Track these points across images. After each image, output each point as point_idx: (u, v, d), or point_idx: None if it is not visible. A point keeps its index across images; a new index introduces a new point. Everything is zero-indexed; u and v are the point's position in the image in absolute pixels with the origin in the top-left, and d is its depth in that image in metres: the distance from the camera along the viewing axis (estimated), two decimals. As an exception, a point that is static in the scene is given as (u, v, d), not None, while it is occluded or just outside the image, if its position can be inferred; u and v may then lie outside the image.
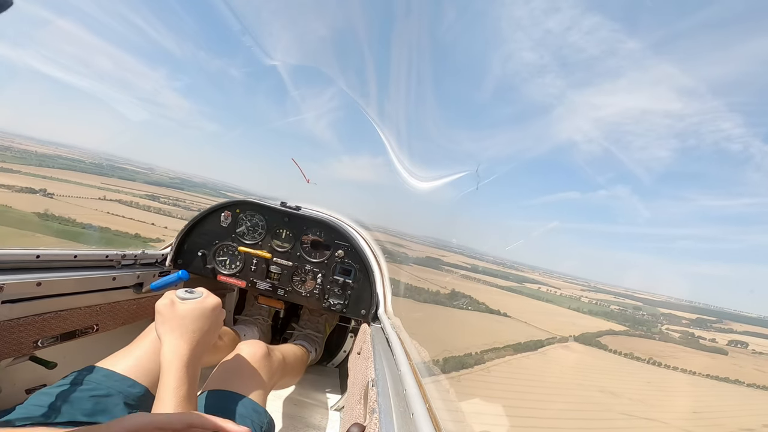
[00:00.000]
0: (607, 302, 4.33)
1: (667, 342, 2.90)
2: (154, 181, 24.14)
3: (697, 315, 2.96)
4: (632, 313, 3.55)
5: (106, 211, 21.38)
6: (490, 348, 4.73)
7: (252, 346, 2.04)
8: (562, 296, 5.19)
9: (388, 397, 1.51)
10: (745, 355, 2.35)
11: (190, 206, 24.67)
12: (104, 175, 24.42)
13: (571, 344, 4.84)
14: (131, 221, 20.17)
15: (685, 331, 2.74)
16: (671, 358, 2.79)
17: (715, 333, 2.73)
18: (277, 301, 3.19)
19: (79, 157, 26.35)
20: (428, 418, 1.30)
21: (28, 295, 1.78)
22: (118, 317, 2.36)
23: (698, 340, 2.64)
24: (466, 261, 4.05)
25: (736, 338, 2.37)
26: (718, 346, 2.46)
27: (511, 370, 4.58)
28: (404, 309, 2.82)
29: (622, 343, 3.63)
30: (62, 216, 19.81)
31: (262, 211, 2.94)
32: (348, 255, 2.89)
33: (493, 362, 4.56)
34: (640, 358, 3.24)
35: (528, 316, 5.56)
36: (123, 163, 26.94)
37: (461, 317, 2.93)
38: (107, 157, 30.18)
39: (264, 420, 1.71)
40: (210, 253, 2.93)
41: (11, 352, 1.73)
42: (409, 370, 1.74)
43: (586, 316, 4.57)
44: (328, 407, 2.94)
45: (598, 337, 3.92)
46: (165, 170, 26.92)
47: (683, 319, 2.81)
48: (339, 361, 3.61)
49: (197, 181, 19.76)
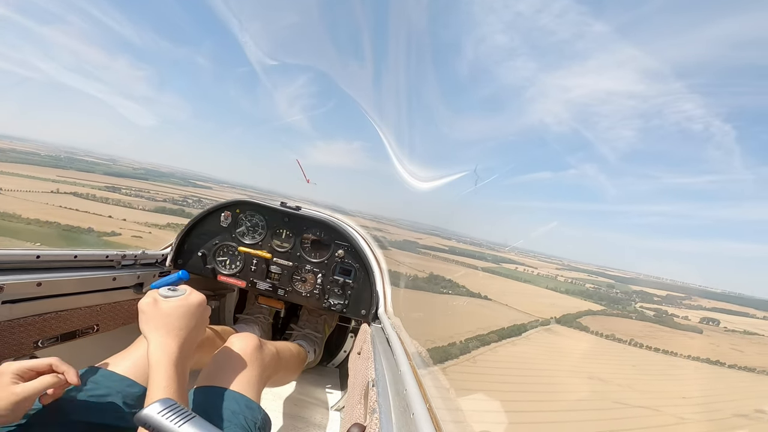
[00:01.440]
0: (582, 281, 4.38)
1: (644, 321, 2.92)
2: (116, 173, 23.70)
3: (666, 292, 3.00)
4: (606, 291, 3.59)
5: (58, 204, 20.71)
6: (475, 335, 4.74)
7: (243, 339, 1.97)
8: (539, 276, 5.25)
9: (388, 397, 1.51)
10: (719, 333, 2.37)
11: (155, 197, 24.38)
12: (61, 168, 23.85)
13: (554, 327, 4.88)
14: (86, 214, 19.49)
15: (658, 308, 2.77)
16: (650, 338, 2.80)
17: (686, 310, 2.76)
18: (277, 301, 3.19)
19: (34, 150, 25.78)
20: (428, 418, 1.30)
21: (29, 296, 1.78)
22: (119, 317, 2.36)
23: (672, 318, 2.67)
24: (443, 243, 4.03)
25: (707, 315, 2.39)
26: (692, 324, 2.49)
27: (498, 359, 4.60)
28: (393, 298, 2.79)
29: (602, 324, 3.67)
30: (6, 212, 19.08)
31: (262, 211, 2.94)
32: (348, 255, 2.89)
33: (478, 351, 4.58)
34: (621, 339, 3.27)
35: (508, 298, 5.61)
36: (83, 155, 26.39)
37: (442, 302, 2.91)
38: (66, 150, 29.54)
39: (258, 416, 1.66)
40: (210, 253, 2.93)
41: (12, 353, 1.73)
42: (409, 369, 1.74)
43: (564, 295, 4.62)
44: (328, 407, 2.94)
45: (578, 318, 3.96)
46: (129, 161, 26.52)
47: (654, 296, 2.84)
48: (339, 361, 3.61)
49: (164, 171, 19.42)
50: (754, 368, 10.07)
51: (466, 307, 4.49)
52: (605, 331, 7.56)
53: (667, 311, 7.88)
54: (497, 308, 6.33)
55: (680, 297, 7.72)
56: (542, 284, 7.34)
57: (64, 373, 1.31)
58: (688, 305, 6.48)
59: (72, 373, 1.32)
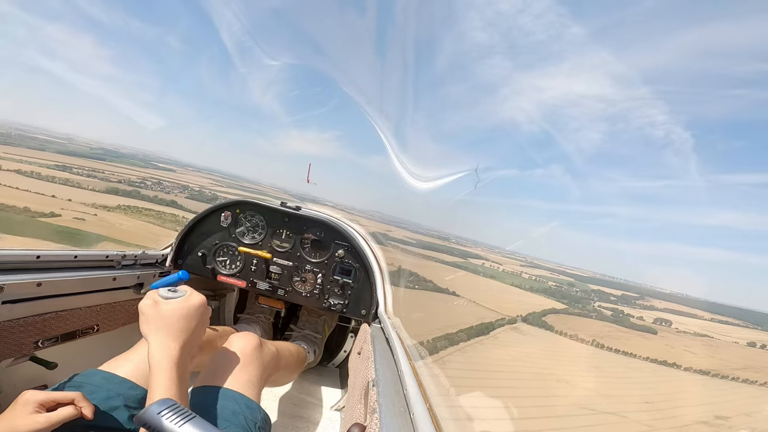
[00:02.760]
0: (545, 278, 4.41)
1: (603, 321, 2.94)
2: (71, 152, 22.99)
3: (621, 291, 3.04)
4: (567, 289, 3.62)
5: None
6: (443, 335, 4.74)
7: (243, 338, 1.97)
8: (504, 272, 5.26)
9: (388, 397, 1.51)
10: (672, 335, 2.39)
11: (109, 177, 23.62)
12: (8, 144, 23.06)
13: (520, 325, 4.89)
14: (25, 193, 18.66)
15: (615, 308, 2.80)
16: (610, 338, 2.82)
17: (640, 310, 2.80)
18: (278, 301, 3.19)
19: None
20: (428, 418, 1.30)
21: (29, 296, 1.78)
22: (119, 317, 2.36)
23: (628, 318, 2.70)
24: (411, 236, 4.01)
25: (659, 316, 2.42)
26: (647, 325, 2.51)
27: (467, 358, 4.59)
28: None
29: (565, 323, 3.69)
30: (-72, 191, 18.00)
31: (262, 211, 2.94)
32: (348, 255, 2.89)
33: (446, 351, 4.56)
34: (584, 339, 3.30)
35: (475, 294, 5.61)
36: (36, 133, 25.58)
37: (407, 297, 2.88)
38: (19, 127, 28.66)
39: (258, 416, 1.66)
40: (210, 253, 2.93)
41: (12, 353, 1.73)
42: (409, 370, 1.74)
43: (528, 293, 4.65)
44: (328, 407, 2.94)
45: (543, 317, 3.99)
46: (87, 140, 25.60)
47: (611, 296, 2.87)
48: (339, 361, 3.61)
49: (125, 152, 18.85)
50: (708, 371, 10.19)
51: (433, 302, 4.49)
52: (569, 331, 7.65)
53: (623, 311, 8.01)
54: (464, 304, 6.40)
55: (634, 297, 7.87)
56: (507, 281, 7.46)
57: (83, 408, 1.36)
58: (641, 305, 6.61)
59: (89, 410, 1.37)
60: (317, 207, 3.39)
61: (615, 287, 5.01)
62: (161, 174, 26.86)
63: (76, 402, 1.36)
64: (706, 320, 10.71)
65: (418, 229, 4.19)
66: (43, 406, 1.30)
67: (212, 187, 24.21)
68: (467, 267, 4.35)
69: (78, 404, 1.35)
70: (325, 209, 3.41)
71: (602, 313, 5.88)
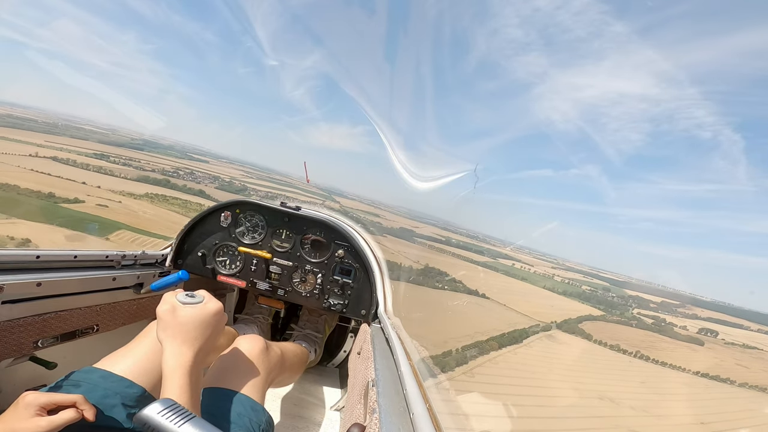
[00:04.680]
0: (578, 281, 4.36)
1: (644, 329, 2.88)
2: (112, 141, 23.44)
3: (661, 298, 3.00)
4: (603, 294, 3.58)
5: (30, 168, 20.09)
6: (473, 343, 4.70)
7: (250, 341, 2.00)
8: (536, 274, 5.22)
9: (388, 397, 1.51)
10: (720, 346, 2.33)
11: (143, 166, 24.11)
12: (53, 134, 23.46)
13: (555, 333, 4.85)
14: (57, 179, 18.78)
15: (656, 316, 2.74)
16: (654, 349, 2.77)
17: (683, 319, 2.76)
18: (277, 301, 3.19)
19: (33, 117, 25.27)
20: (428, 418, 1.30)
21: (29, 296, 1.78)
22: (119, 317, 2.35)
23: (671, 327, 2.65)
24: (440, 233, 3.99)
25: (704, 325, 2.38)
26: (691, 335, 2.46)
27: (499, 371, 4.55)
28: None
29: (603, 331, 3.64)
30: (-44, 173, 18.22)
31: (262, 211, 2.94)
32: (348, 255, 2.89)
33: (476, 361, 4.53)
34: (627, 351, 3.25)
35: (506, 297, 5.57)
36: (83, 124, 26.06)
37: (437, 298, 2.86)
38: (65, 118, 29.06)
39: (262, 418, 1.69)
40: (210, 253, 2.93)
41: (11, 353, 1.73)
42: (409, 370, 1.74)
43: (562, 297, 4.60)
44: (328, 407, 2.94)
45: (579, 323, 3.93)
46: (129, 131, 26.20)
47: (651, 303, 2.82)
48: (339, 361, 3.61)
49: (164, 143, 19.15)
50: (765, 387, 9.87)
51: (465, 307, 4.41)
52: (609, 341, 7.34)
53: (665, 320, 7.79)
54: (495, 308, 6.17)
55: (675, 304, 7.61)
56: (539, 283, 7.20)
57: (84, 411, 1.36)
58: (683, 313, 6.33)
59: (91, 412, 1.38)
60: (317, 207, 3.39)
61: (654, 293, 4.76)
62: (195, 165, 27.23)
63: (78, 405, 1.36)
64: (753, 331, 10.42)
65: (447, 226, 4.18)
66: (44, 409, 1.30)
67: (243, 179, 24.44)
68: (497, 267, 4.30)
69: (80, 407, 1.36)
70: (324, 209, 3.42)
71: (642, 320, 5.61)
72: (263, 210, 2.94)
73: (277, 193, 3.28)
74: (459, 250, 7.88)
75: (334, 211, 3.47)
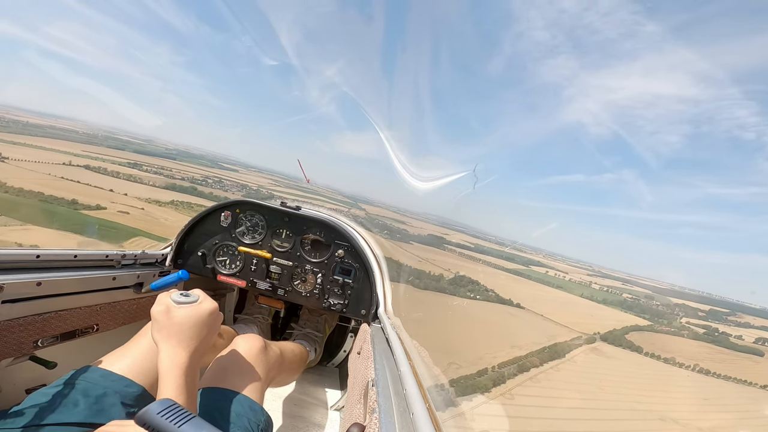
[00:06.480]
0: (618, 289, 4.27)
1: (697, 340, 2.78)
2: (147, 151, 23.89)
3: (709, 306, 2.93)
4: (646, 302, 3.50)
5: (60, 176, 20.43)
6: (510, 359, 4.64)
7: (249, 340, 1.99)
8: (572, 282, 5.12)
9: (388, 397, 1.51)
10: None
11: (174, 174, 24.63)
12: (91, 144, 23.83)
13: (600, 345, 4.72)
14: (85, 187, 19.09)
15: (707, 326, 2.64)
16: (712, 362, 2.68)
17: (736, 328, 2.69)
18: (277, 301, 3.19)
19: (73, 128, 25.69)
20: (428, 418, 1.30)
21: (28, 295, 1.78)
22: (118, 317, 2.35)
23: (726, 337, 2.57)
24: (469, 240, 3.99)
25: (760, 335, 2.30)
26: (750, 345, 2.38)
27: (542, 391, 4.44)
28: (404, 300, 2.76)
29: (653, 342, 3.54)
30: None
31: (262, 211, 2.94)
32: (348, 255, 2.89)
33: (515, 380, 4.43)
34: (683, 364, 3.13)
35: (542, 306, 5.48)
36: (121, 134, 26.60)
37: (468, 310, 2.86)
38: (107, 130, 29.71)
39: (261, 418, 1.68)
40: (210, 252, 2.93)
41: (11, 352, 1.73)
42: (409, 370, 1.74)
43: (602, 306, 4.50)
44: (328, 407, 2.94)
45: (625, 334, 3.82)
46: (165, 142, 26.66)
47: (698, 311, 2.73)
48: (339, 361, 3.61)
49: (196, 153, 19.44)
50: None
51: (494, 315, 4.36)
52: (661, 353, 7.01)
53: (717, 329, 7.50)
54: (531, 319, 5.96)
55: (724, 312, 7.30)
56: (576, 291, 6.98)
57: None
58: (735, 322, 6.09)
59: None
60: (317, 207, 3.39)
61: (700, 301, 4.60)
62: (224, 174, 27.56)
63: None
64: (812, 339, 9.79)
65: (476, 233, 4.17)
66: None
67: (270, 187, 24.70)
68: (530, 275, 4.20)
69: None
70: (324, 209, 3.42)
71: (693, 330, 5.38)
72: (263, 210, 2.94)
73: (304, 201, 3.28)
74: (490, 257, 7.78)
75: (334, 210, 3.48)
